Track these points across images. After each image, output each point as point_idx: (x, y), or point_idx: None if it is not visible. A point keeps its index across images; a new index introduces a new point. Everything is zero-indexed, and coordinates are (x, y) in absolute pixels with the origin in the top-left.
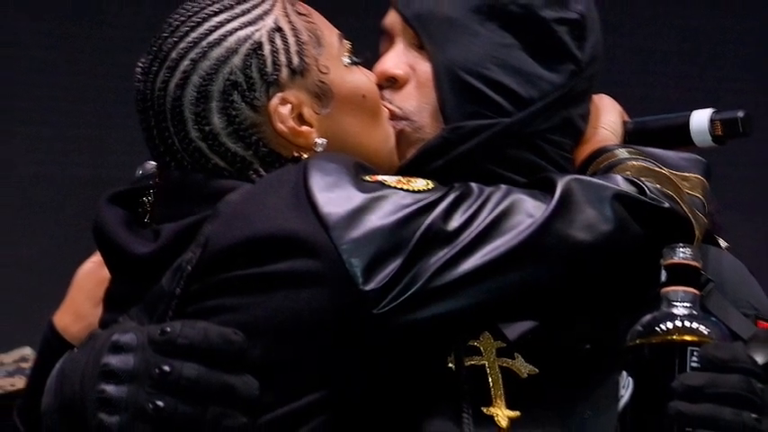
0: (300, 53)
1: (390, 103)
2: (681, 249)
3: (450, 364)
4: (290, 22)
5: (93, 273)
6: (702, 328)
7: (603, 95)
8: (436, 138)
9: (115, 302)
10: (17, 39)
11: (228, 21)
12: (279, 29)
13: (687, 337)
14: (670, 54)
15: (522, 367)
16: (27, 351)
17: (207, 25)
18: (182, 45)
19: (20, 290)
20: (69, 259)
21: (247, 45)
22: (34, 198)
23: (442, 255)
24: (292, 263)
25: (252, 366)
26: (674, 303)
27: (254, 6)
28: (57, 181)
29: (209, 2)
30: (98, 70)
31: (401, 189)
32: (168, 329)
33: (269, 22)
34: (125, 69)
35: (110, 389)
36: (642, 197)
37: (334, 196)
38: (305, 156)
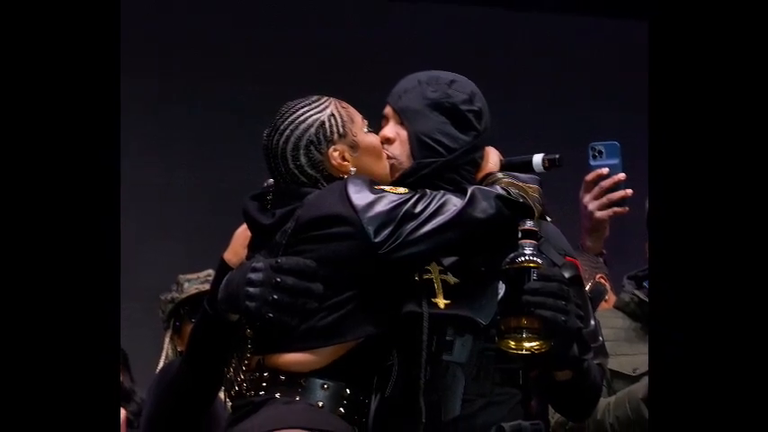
0: (343, 126)
1: (387, 150)
2: (528, 221)
3: (416, 278)
4: (338, 111)
5: (242, 232)
6: (539, 260)
7: (491, 147)
8: (409, 168)
9: (253, 248)
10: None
11: (307, 111)
12: (333, 114)
13: (531, 265)
14: (521, 124)
15: (452, 279)
16: (210, 271)
17: (296, 113)
18: (285, 123)
19: (210, 245)
20: (232, 229)
21: (317, 123)
22: (207, 199)
23: (413, 224)
24: (339, 228)
25: (320, 278)
26: (525, 248)
27: (320, 104)
28: (221, 189)
29: (299, 101)
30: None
31: (392, 192)
32: (279, 260)
33: (327, 111)
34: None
35: (250, 289)
36: (509, 196)
37: (360, 195)
38: (345, 177)
